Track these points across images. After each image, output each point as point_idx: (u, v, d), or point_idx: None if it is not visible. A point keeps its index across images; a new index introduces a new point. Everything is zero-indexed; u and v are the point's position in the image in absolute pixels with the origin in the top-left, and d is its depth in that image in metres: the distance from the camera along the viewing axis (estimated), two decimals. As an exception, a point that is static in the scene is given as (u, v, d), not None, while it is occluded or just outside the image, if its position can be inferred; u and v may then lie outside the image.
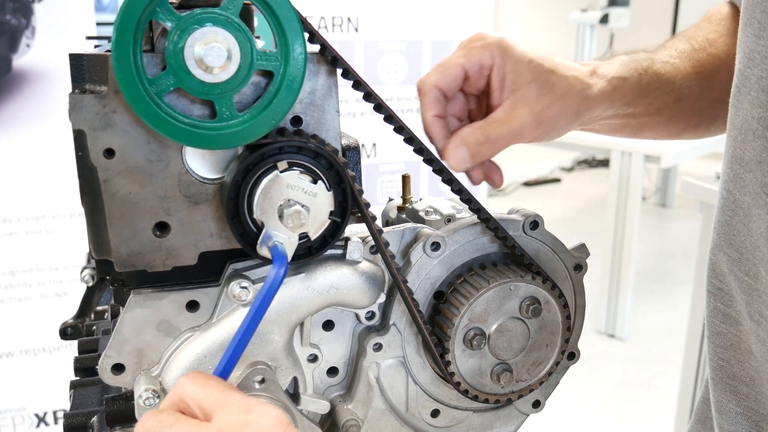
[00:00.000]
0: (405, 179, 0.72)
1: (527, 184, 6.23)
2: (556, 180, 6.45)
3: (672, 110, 0.75)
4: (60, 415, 2.00)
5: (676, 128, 0.79)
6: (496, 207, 0.61)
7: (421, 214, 0.66)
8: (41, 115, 1.80)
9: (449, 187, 0.57)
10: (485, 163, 0.66)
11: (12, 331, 1.95)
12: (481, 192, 2.36)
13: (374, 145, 2.13)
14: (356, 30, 2.05)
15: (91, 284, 1.00)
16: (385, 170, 2.19)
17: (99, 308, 0.99)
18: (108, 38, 0.69)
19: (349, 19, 2.04)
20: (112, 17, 2.31)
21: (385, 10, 2.07)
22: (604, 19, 4.08)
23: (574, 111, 0.66)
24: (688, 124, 0.79)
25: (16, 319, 1.94)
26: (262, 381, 0.52)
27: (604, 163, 5.99)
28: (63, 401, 1.98)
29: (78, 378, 0.72)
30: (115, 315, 0.79)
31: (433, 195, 0.59)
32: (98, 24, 1.85)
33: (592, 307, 3.57)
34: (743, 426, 0.65)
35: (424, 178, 2.10)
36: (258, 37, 0.58)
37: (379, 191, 2.20)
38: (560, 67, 0.66)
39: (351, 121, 1.98)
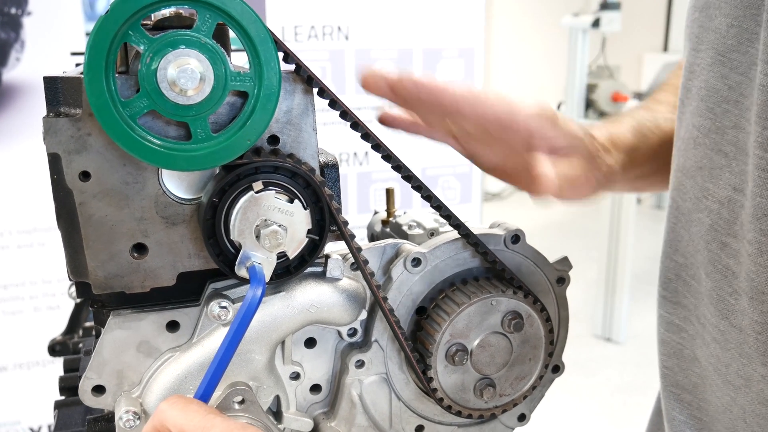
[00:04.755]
0: (389, 193, 0.71)
1: (523, 188, 6.23)
2: (552, 183, 6.45)
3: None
4: (54, 428, 2.00)
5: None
6: (492, 211, 0.61)
7: (405, 228, 0.66)
8: (31, 129, 1.80)
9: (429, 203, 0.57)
10: None
11: (5, 345, 1.94)
12: (475, 197, 2.36)
13: (366, 153, 2.13)
14: (347, 38, 2.05)
15: (79, 300, 1.00)
16: (378, 178, 2.19)
17: (87, 324, 0.99)
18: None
19: (339, 28, 2.04)
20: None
21: (375, 19, 2.07)
22: (596, 24, 4.08)
23: (597, 186, 0.70)
24: None
25: (9, 332, 1.94)
26: (242, 402, 0.52)
27: (600, 166, 5.99)
28: (57, 415, 1.97)
29: (63, 398, 0.71)
30: (98, 334, 0.79)
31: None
32: (88, 34, 1.84)
33: (588, 311, 3.57)
34: None
35: (417, 186, 2.10)
36: (242, 50, 0.58)
37: (372, 199, 2.20)
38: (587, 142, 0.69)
39: (343, 129, 1.98)
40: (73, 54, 0.90)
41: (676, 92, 0.79)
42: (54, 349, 0.97)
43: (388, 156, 0.54)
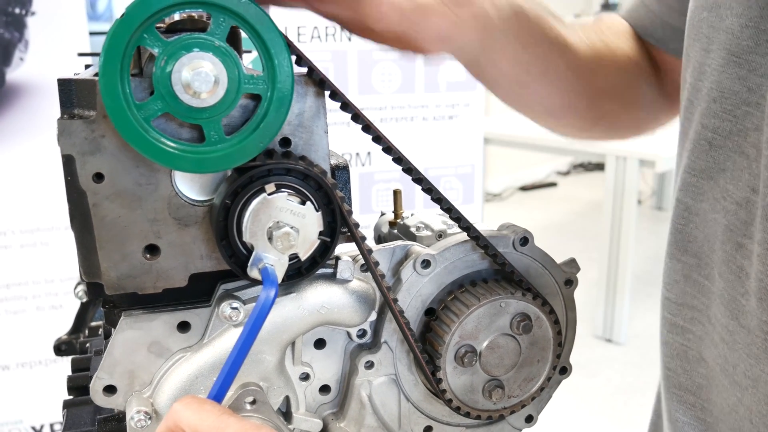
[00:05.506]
0: (396, 194, 0.72)
1: (523, 188, 6.25)
2: (553, 184, 6.46)
3: (559, 77, 0.72)
4: (57, 428, 2.00)
5: (556, 100, 0.76)
6: (493, 212, 0.61)
7: (413, 229, 0.67)
8: (35, 128, 1.81)
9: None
10: None
11: (8, 344, 1.95)
12: (476, 197, 2.36)
13: (369, 153, 2.14)
14: (349, 39, 2.06)
15: (84, 300, 1.00)
16: (381, 179, 2.19)
17: (93, 324, 0.99)
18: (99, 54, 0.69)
19: (342, 29, 2.04)
20: (106, 26, 2.31)
21: (378, 20, 2.07)
22: (598, 24, 4.09)
23: (464, 28, 0.60)
24: (567, 100, 0.77)
25: (12, 332, 1.94)
26: (253, 402, 0.52)
27: (600, 166, 6.01)
28: (59, 414, 1.97)
29: (71, 397, 0.72)
30: (107, 334, 0.79)
31: (428, 207, 0.59)
32: (91, 33, 1.85)
33: (589, 312, 3.57)
34: None
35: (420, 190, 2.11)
36: (249, 51, 0.58)
37: (374, 200, 2.20)
38: None
39: (345, 129, 1.99)
40: (81, 55, 0.90)
41: (580, 26, 0.77)
42: (60, 348, 0.97)
43: (399, 159, 0.54)
